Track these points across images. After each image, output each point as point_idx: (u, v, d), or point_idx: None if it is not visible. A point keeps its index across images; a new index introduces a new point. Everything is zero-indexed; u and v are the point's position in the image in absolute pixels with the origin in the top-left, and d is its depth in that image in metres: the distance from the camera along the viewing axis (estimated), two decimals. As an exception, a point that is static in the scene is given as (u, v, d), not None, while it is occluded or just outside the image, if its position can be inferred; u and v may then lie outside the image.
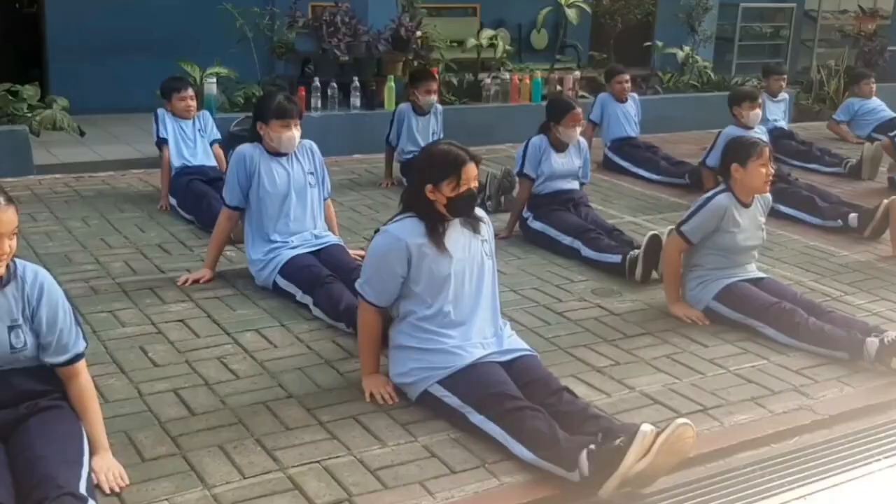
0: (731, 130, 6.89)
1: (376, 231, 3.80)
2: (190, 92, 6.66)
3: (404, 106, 7.50)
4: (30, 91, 7.73)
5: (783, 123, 9.22)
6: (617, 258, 5.38)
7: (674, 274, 4.75)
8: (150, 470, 3.12)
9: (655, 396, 3.85)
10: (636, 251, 5.28)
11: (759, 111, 7.13)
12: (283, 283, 4.77)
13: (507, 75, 9.86)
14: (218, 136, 6.80)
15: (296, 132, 4.90)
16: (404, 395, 3.69)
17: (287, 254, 4.82)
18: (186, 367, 3.96)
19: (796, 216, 6.71)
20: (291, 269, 4.75)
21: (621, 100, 8.48)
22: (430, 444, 3.37)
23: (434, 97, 7.46)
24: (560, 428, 3.21)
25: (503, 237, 6.01)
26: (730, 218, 4.61)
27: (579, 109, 6.05)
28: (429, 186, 3.61)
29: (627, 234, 5.80)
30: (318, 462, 3.22)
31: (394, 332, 3.74)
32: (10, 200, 2.83)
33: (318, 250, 4.90)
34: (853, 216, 6.40)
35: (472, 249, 3.71)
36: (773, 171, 4.65)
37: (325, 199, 5.15)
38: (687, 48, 11.34)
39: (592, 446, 3.07)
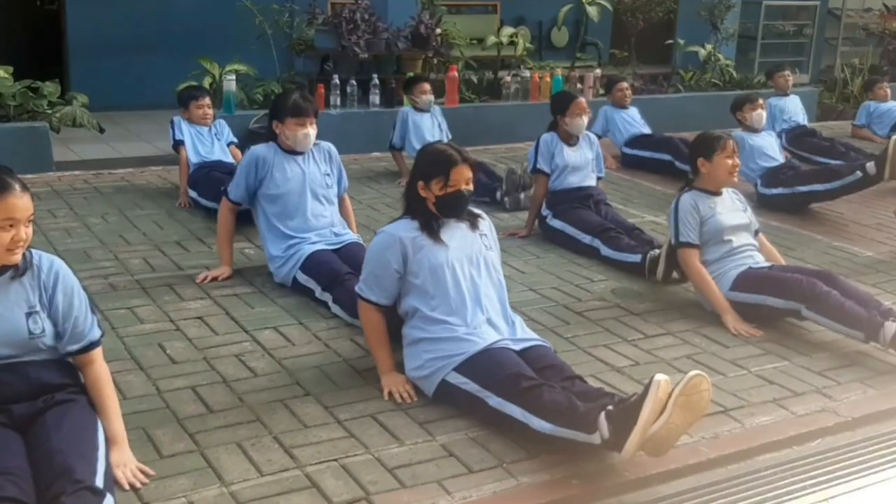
0: (739, 134, 7.00)
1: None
2: (207, 100, 6.76)
3: (405, 108, 7.61)
4: (50, 88, 7.77)
5: (803, 120, 9.18)
6: (637, 257, 5.34)
7: (708, 282, 4.67)
8: (167, 466, 3.11)
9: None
10: (657, 251, 5.24)
11: (762, 111, 7.16)
12: (303, 278, 4.76)
13: (527, 73, 9.82)
14: (234, 139, 6.85)
15: (311, 130, 4.90)
16: (422, 393, 3.68)
17: (307, 249, 4.81)
18: (205, 364, 3.96)
19: (815, 190, 6.78)
20: (312, 265, 4.74)
21: (623, 107, 8.62)
22: (448, 444, 3.34)
23: (430, 96, 7.58)
24: None
25: (523, 236, 6.00)
26: (704, 207, 4.74)
27: (583, 99, 6.11)
28: (420, 183, 3.73)
29: (648, 234, 5.76)
30: (335, 460, 3.20)
31: (405, 330, 3.77)
32: (25, 188, 2.87)
33: (338, 248, 4.89)
34: (870, 164, 6.41)
35: (469, 241, 3.78)
36: (738, 163, 4.77)
37: (341, 195, 5.16)
38: (709, 46, 11.26)
39: (610, 407, 3.06)
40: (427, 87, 7.60)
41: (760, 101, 7.22)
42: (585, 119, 6.05)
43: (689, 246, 4.69)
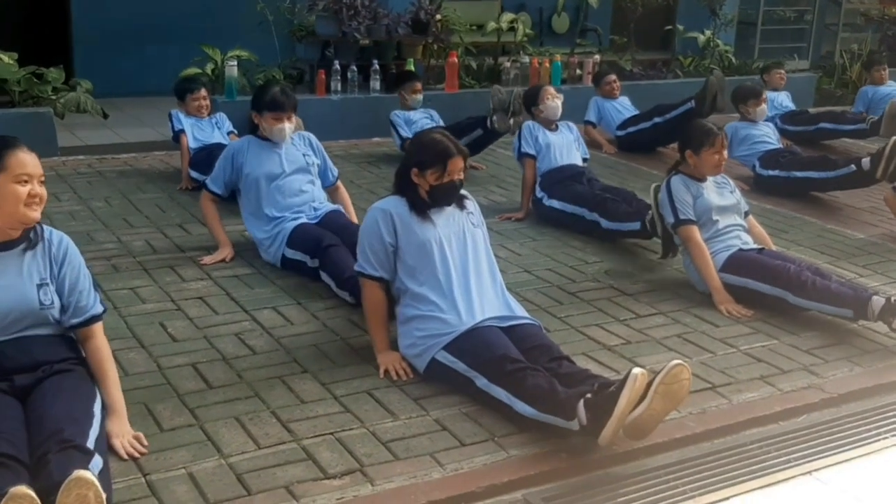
0: (738, 125, 7.30)
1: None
2: (203, 92, 6.87)
3: (394, 112, 7.56)
4: (54, 74, 7.85)
5: (791, 105, 9.31)
6: (636, 224, 5.43)
7: (708, 260, 4.70)
8: (168, 440, 3.21)
9: (665, 374, 3.88)
10: (651, 211, 5.31)
11: (764, 107, 7.39)
12: (291, 253, 4.87)
13: (526, 59, 9.87)
14: (234, 130, 6.93)
15: (287, 125, 5.03)
16: (417, 371, 3.76)
17: (290, 225, 4.93)
18: (205, 342, 4.05)
19: (810, 177, 6.85)
20: (296, 238, 4.86)
21: (613, 98, 8.73)
22: (441, 418, 3.43)
23: (420, 96, 7.58)
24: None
25: (518, 218, 6.07)
26: (692, 187, 4.85)
27: (550, 86, 6.46)
28: (414, 170, 3.81)
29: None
30: (331, 434, 3.29)
31: (398, 309, 3.87)
32: (31, 150, 3.02)
33: (318, 221, 5.00)
34: (866, 159, 6.47)
35: (455, 219, 3.88)
36: (725, 157, 4.88)
37: (332, 184, 5.29)
38: (708, 32, 11.30)
39: (589, 395, 3.14)
40: (419, 86, 7.62)
41: (764, 95, 7.36)
42: (558, 102, 6.24)
43: (690, 223, 4.76)
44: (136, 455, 3.06)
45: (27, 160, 2.98)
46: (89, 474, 2.42)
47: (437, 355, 3.63)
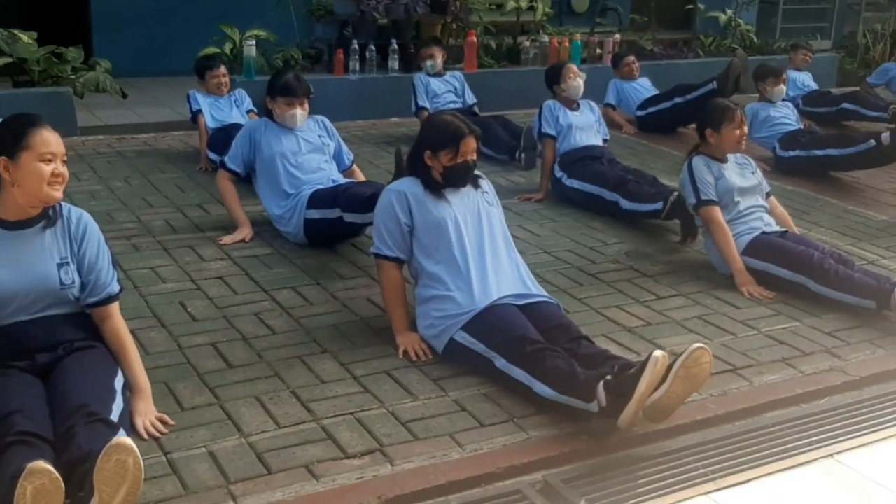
0: (757, 106, 7.23)
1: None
2: (222, 70, 6.87)
3: (419, 75, 7.64)
4: (73, 53, 7.85)
5: (814, 85, 9.21)
6: (658, 205, 5.38)
7: (730, 241, 4.66)
8: (188, 418, 3.22)
9: (685, 356, 3.86)
10: (675, 193, 5.28)
11: (783, 87, 7.28)
12: (312, 213, 4.89)
13: (546, 39, 9.80)
14: (253, 108, 6.93)
15: (300, 111, 5.04)
16: (437, 352, 3.76)
17: (307, 191, 4.95)
18: (224, 322, 4.05)
19: (829, 154, 6.79)
20: (315, 199, 4.90)
21: (632, 79, 8.65)
22: (460, 399, 3.43)
23: (433, 61, 7.60)
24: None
25: (538, 199, 6.05)
26: (713, 168, 4.80)
27: (573, 64, 6.42)
28: (427, 152, 3.80)
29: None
30: (350, 414, 3.29)
31: (416, 290, 3.87)
32: (54, 130, 3.02)
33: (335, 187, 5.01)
34: (885, 134, 6.40)
35: (470, 198, 3.87)
36: (745, 132, 4.83)
37: (348, 167, 5.29)
38: (729, 11, 11.19)
39: (609, 377, 3.13)
40: (429, 52, 7.64)
41: (784, 75, 7.27)
42: (580, 81, 6.19)
43: (712, 203, 4.72)
44: (157, 435, 3.07)
45: (51, 139, 2.97)
46: (129, 441, 2.43)
47: (455, 336, 3.62)
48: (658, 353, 3.04)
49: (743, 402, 3.53)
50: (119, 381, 3.01)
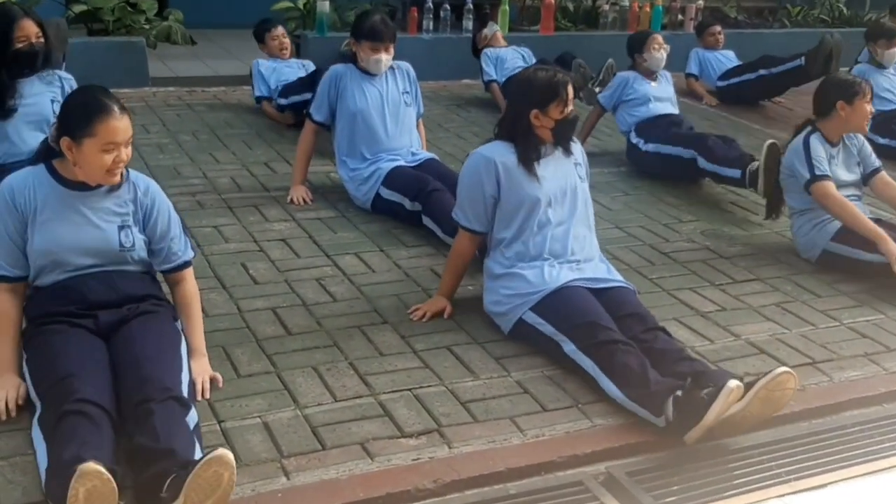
0: (864, 68, 6.73)
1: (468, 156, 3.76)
2: (281, 30, 6.81)
3: (487, 49, 7.43)
4: (148, 3, 7.83)
5: None
6: (737, 173, 5.22)
7: (854, 212, 4.37)
8: (244, 386, 3.15)
9: (761, 346, 3.69)
10: (755, 163, 5.07)
11: (895, 52, 6.79)
12: (387, 193, 4.74)
13: (626, 2, 9.51)
14: None
15: (384, 56, 4.84)
16: (497, 328, 3.63)
17: (387, 165, 4.80)
18: (285, 286, 3.98)
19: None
20: (396, 178, 4.73)
21: (716, 48, 8.37)
22: (522, 380, 3.30)
23: (488, 29, 7.54)
24: (651, 366, 3.12)
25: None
26: (827, 149, 4.53)
27: (657, 34, 6.19)
28: (534, 112, 3.56)
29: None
30: (409, 390, 3.19)
31: (487, 263, 3.71)
32: (124, 109, 2.93)
33: (417, 165, 4.86)
34: None
35: (564, 172, 3.66)
36: (873, 109, 4.60)
37: (417, 120, 5.11)
38: (819, -20, 10.74)
39: (679, 392, 2.95)
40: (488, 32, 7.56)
41: None
42: (664, 53, 6.05)
43: (826, 178, 4.44)
44: (207, 395, 3.03)
45: (117, 128, 2.87)
46: (231, 456, 2.39)
47: (524, 315, 3.48)
48: (733, 382, 2.85)
49: (822, 398, 3.35)
50: (184, 348, 2.96)
